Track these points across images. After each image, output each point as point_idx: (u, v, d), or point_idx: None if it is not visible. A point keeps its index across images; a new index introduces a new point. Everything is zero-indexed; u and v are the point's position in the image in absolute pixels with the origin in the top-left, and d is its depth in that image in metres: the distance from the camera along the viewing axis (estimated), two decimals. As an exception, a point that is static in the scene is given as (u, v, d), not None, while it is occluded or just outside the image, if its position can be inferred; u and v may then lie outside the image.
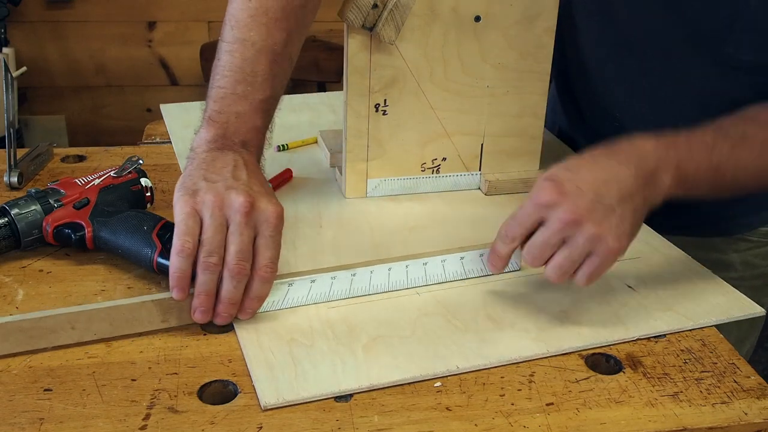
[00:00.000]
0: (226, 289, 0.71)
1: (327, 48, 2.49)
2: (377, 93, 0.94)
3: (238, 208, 0.71)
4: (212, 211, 0.71)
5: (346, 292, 0.78)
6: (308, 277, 0.78)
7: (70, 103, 2.92)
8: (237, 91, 0.82)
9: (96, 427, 0.61)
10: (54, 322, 0.69)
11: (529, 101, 0.99)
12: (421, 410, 0.65)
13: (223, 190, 0.73)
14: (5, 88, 0.97)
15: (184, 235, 0.71)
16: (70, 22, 2.80)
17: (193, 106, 1.25)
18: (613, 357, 0.72)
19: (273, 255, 0.73)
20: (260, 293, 0.73)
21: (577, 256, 0.73)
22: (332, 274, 0.78)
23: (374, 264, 0.80)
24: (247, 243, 0.71)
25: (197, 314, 0.72)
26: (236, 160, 0.78)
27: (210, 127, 0.81)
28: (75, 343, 0.70)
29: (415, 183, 1.00)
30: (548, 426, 0.64)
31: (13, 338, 0.68)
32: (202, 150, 0.79)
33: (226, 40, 0.84)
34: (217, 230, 0.71)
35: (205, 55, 2.75)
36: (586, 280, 0.73)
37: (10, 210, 0.81)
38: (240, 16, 0.84)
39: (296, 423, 0.63)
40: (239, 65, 0.83)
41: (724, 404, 0.67)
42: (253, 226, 0.72)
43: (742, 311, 0.80)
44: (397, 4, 0.87)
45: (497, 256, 0.77)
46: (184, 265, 0.71)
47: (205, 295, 0.71)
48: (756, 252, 1.06)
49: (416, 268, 0.81)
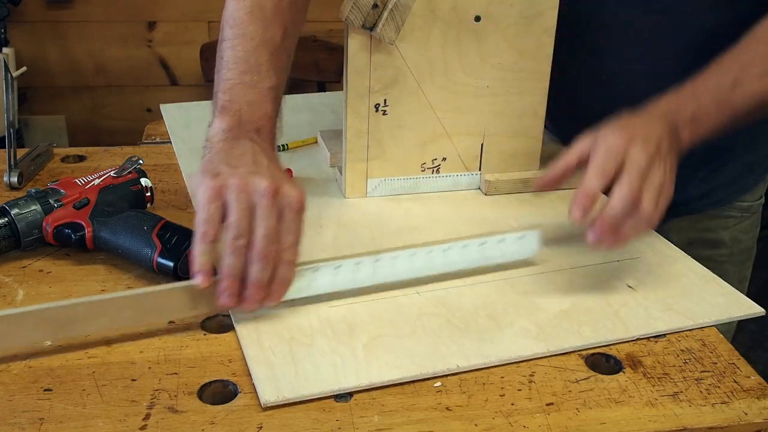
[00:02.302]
0: (254, 272, 0.71)
1: (327, 48, 2.49)
2: (377, 93, 0.94)
3: (264, 192, 0.71)
4: (237, 195, 0.71)
5: (370, 279, 0.78)
6: (333, 263, 0.77)
7: (70, 103, 2.92)
8: (245, 80, 0.83)
9: (96, 427, 0.62)
10: (84, 310, 0.69)
11: (529, 101, 0.99)
12: (421, 410, 0.65)
13: (246, 175, 0.73)
14: (5, 88, 0.97)
15: (206, 222, 0.70)
16: (70, 22, 2.80)
17: (192, 106, 1.25)
18: (613, 357, 0.72)
19: (294, 239, 0.73)
20: (286, 276, 0.73)
21: (658, 195, 0.76)
22: (356, 260, 0.78)
23: (397, 250, 0.79)
24: (274, 227, 0.71)
25: (224, 298, 0.71)
26: (254, 148, 0.78)
27: (224, 117, 0.81)
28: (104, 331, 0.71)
29: (415, 183, 1.00)
30: (548, 426, 0.64)
31: (43, 327, 0.68)
32: (218, 139, 0.79)
33: (227, 38, 0.86)
34: (244, 213, 0.71)
35: (205, 55, 2.75)
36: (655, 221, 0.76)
37: (10, 210, 0.81)
38: (237, 15, 0.86)
39: (296, 423, 0.63)
40: (243, 57, 0.84)
41: (724, 404, 0.67)
42: (278, 210, 0.72)
43: (742, 311, 0.80)
44: (397, 4, 0.87)
45: (589, 195, 0.75)
46: (207, 249, 0.70)
47: (232, 279, 0.70)
48: (740, 227, 1.10)
49: (438, 255, 0.80)
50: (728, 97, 0.85)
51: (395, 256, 0.79)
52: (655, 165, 0.77)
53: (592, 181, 0.76)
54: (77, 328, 0.69)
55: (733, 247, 1.09)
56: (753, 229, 1.14)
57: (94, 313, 0.69)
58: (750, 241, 1.14)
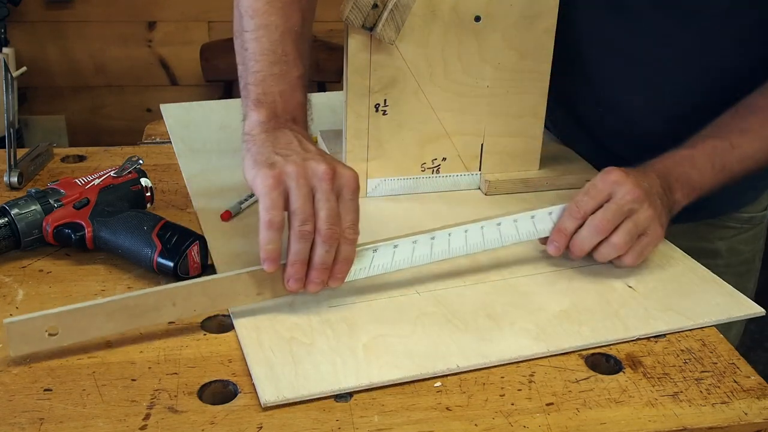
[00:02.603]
0: (318, 254, 0.72)
1: (327, 48, 2.48)
2: (377, 93, 0.94)
3: (322, 176, 0.73)
4: (297, 181, 0.72)
5: (427, 257, 0.79)
6: (390, 242, 0.78)
7: (70, 103, 2.92)
8: (274, 71, 0.84)
9: (96, 427, 0.62)
10: (156, 299, 0.70)
11: (529, 101, 0.99)
12: (421, 410, 0.65)
13: (301, 161, 0.74)
14: (5, 88, 0.97)
15: (272, 209, 0.71)
16: (70, 22, 2.80)
17: (192, 106, 1.25)
18: (613, 357, 0.72)
19: (354, 218, 0.74)
20: (348, 255, 0.74)
21: (637, 231, 0.80)
22: (413, 238, 0.79)
23: (451, 227, 0.81)
24: (335, 208, 0.73)
25: (291, 283, 0.73)
26: (296, 136, 0.79)
27: (260, 109, 0.82)
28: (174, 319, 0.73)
29: (415, 183, 1.00)
30: (548, 426, 0.64)
31: (118, 317, 0.69)
32: (258, 131, 0.80)
33: (249, 29, 0.86)
34: (307, 198, 0.72)
35: (205, 55, 2.75)
36: (636, 259, 0.81)
37: (10, 210, 0.81)
38: (256, 6, 0.86)
39: (296, 423, 0.63)
40: (269, 48, 0.84)
41: (724, 404, 0.67)
42: (337, 191, 0.74)
43: (742, 311, 0.80)
44: (397, 4, 0.87)
45: (564, 234, 0.81)
46: (275, 236, 0.71)
47: (300, 264, 0.72)
48: (740, 238, 1.09)
49: (491, 230, 0.81)
50: (725, 160, 0.86)
51: (450, 233, 0.80)
52: (643, 207, 0.80)
53: (566, 220, 0.82)
54: (150, 317, 0.71)
55: (731, 258, 1.08)
56: (756, 241, 1.12)
57: (165, 301, 0.71)
58: (751, 253, 1.11)
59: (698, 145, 0.87)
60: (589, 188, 0.81)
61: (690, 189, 0.85)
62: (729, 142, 0.86)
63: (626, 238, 0.79)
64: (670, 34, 0.90)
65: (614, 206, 0.79)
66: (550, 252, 0.82)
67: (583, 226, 0.81)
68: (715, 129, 0.88)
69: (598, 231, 0.80)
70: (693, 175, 0.85)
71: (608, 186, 0.80)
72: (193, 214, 0.94)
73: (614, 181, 0.80)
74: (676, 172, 0.85)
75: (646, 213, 0.80)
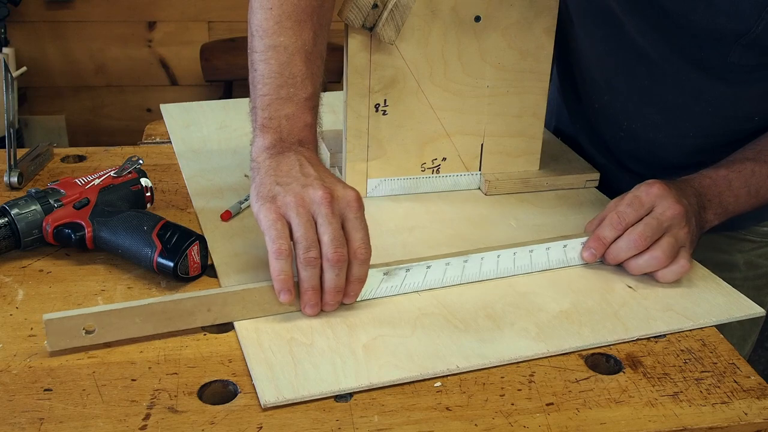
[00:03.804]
0: (329, 278, 0.73)
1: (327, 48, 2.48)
2: (377, 93, 0.94)
3: (321, 201, 0.73)
4: (297, 210, 0.73)
5: (458, 279, 0.81)
6: (424, 263, 0.80)
7: (70, 103, 2.92)
8: (281, 95, 0.83)
9: (96, 427, 0.62)
10: (192, 304, 0.72)
11: (529, 101, 0.99)
12: (421, 410, 0.65)
13: (300, 189, 0.75)
14: (5, 88, 0.97)
15: (278, 239, 0.72)
16: (70, 22, 2.80)
17: (192, 106, 1.25)
18: (613, 357, 0.72)
19: (363, 235, 0.75)
20: (360, 275, 0.75)
21: (677, 247, 0.81)
22: (446, 260, 0.80)
23: (486, 251, 0.82)
24: (339, 230, 0.73)
25: (308, 309, 0.74)
26: (300, 160, 0.79)
27: (265, 134, 0.82)
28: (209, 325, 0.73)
29: (415, 183, 1.00)
30: (548, 426, 0.64)
31: (155, 319, 0.71)
32: (263, 158, 0.81)
33: (258, 50, 0.85)
34: (308, 226, 0.73)
35: (205, 55, 2.75)
36: (674, 276, 0.81)
37: (10, 210, 0.81)
38: (266, 26, 0.85)
39: (296, 423, 0.63)
40: (277, 70, 0.84)
41: (724, 404, 0.67)
42: (338, 214, 0.74)
43: (743, 311, 0.80)
44: (397, 4, 0.87)
45: (603, 242, 0.83)
46: (285, 266, 0.73)
47: (312, 290, 0.73)
48: (759, 252, 1.08)
49: (523, 256, 0.83)
50: (761, 185, 0.87)
51: (482, 257, 0.82)
52: (681, 224, 0.81)
53: (606, 228, 0.83)
54: (185, 321, 0.72)
55: (748, 272, 1.08)
56: None
57: (200, 307, 0.72)
58: None
59: (737, 167, 0.87)
60: (633, 200, 0.82)
61: (722, 210, 0.86)
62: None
63: (668, 252, 0.80)
64: (701, 88, 0.91)
65: (654, 222, 0.81)
66: (584, 257, 0.84)
67: (622, 236, 0.82)
68: (756, 152, 0.89)
69: (636, 245, 0.81)
70: (728, 197, 0.86)
71: (651, 199, 0.82)
72: (193, 214, 0.94)
73: (657, 195, 0.82)
74: (711, 192, 0.86)
75: (684, 230, 0.81)
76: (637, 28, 0.88)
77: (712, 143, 0.92)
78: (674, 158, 0.97)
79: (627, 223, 0.82)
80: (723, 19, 0.80)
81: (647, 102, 0.96)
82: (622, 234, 0.82)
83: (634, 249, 0.81)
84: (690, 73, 0.89)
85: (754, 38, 0.80)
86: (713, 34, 0.83)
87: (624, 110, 1.00)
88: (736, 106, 0.91)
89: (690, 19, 0.82)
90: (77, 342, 0.69)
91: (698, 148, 0.93)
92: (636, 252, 0.81)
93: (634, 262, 0.82)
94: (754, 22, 0.79)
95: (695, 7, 0.81)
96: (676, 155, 0.98)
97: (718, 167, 0.88)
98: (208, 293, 0.73)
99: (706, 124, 0.94)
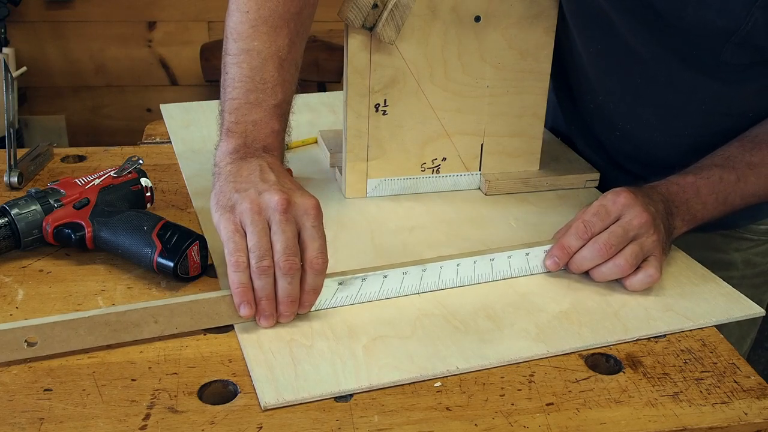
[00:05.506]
0: (282, 287, 0.72)
1: (327, 48, 2.48)
2: (377, 93, 0.94)
3: (276, 207, 0.72)
4: (252, 218, 0.72)
5: (416, 288, 0.79)
6: (380, 272, 0.78)
7: (70, 103, 2.92)
8: (250, 99, 0.83)
9: (96, 427, 0.62)
10: (138, 315, 0.70)
11: (529, 101, 0.99)
12: (421, 410, 0.65)
13: (256, 195, 0.73)
14: (5, 88, 0.97)
15: (236, 252, 0.71)
16: (70, 22, 2.80)
17: (192, 106, 1.25)
18: (613, 357, 0.72)
19: (320, 245, 0.73)
20: (315, 285, 0.73)
21: (642, 255, 0.80)
22: (404, 269, 0.79)
23: (445, 260, 0.81)
24: (292, 239, 0.72)
25: (263, 321, 0.73)
26: (261, 165, 0.78)
27: (230, 139, 0.82)
28: (157, 337, 0.72)
29: (415, 183, 1.00)
30: (548, 426, 0.64)
31: (99, 331, 0.69)
32: (225, 163, 0.80)
33: (231, 53, 0.85)
34: (262, 234, 0.72)
35: (205, 55, 2.75)
36: (641, 285, 0.80)
37: (10, 210, 0.81)
38: (241, 29, 0.84)
39: (296, 423, 0.63)
40: (248, 75, 0.83)
41: (724, 404, 0.67)
42: (294, 221, 0.73)
43: (742, 311, 0.80)
44: (397, 4, 0.87)
45: (567, 251, 0.82)
46: (243, 278, 0.71)
47: (266, 300, 0.72)
48: (756, 250, 1.08)
49: (484, 264, 0.82)
50: (729, 193, 0.86)
51: (441, 266, 0.80)
52: (648, 232, 0.80)
53: (572, 237, 0.82)
54: (131, 333, 0.70)
55: (746, 271, 1.08)
56: None
57: (147, 318, 0.70)
58: (767, 265, 1.10)
59: (705, 173, 0.87)
60: (599, 209, 0.82)
61: (690, 218, 0.86)
62: (735, 175, 0.86)
63: (631, 260, 0.79)
64: (694, 87, 0.90)
65: (620, 230, 0.80)
66: (547, 266, 0.83)
67: (586, 245, 0.81)
68: (723, 158, 0.88)
69: (600, 254, 0.80)
70: (695, 204, 0.86)
71: (618, 208, 0.81)
72: (193, 214, 0.94)
73: (624, 204, 0.81)
74: (678, 199, 0.85)
75: (651, 238, 0.80)
76: (629, 28, 0.88)
77: (708, 141, 0.91)
78: (670, 157, 0.97)
79: (593, 233, 0.81)
80: (713, 16, 0.80)
81: (641, 102, 0.96)
82: (587, 243, 0.81)
83: (598, 258, 0.80)
84: (683, 72, 0.88)
85: (745, 36, 0.80)
86: (704, 32, 0.82)
87: (618, 110, 0.99)
88: (731, 104, 0.91)
89: (681, 18, 0.82)
90: (18, 354, 0.68)
91: (694, 146, 0.93)
92: (600, 261, 0.80)
93: (598, 269, 0.81)
94: (743, 19, 0.79)
95: (685, 4, 0.80)
96: (672, 154, 0.98)
97: (686, 174, 0.87)
98: (154, 304, 0.71)
99: (701, 122, 0.94)
